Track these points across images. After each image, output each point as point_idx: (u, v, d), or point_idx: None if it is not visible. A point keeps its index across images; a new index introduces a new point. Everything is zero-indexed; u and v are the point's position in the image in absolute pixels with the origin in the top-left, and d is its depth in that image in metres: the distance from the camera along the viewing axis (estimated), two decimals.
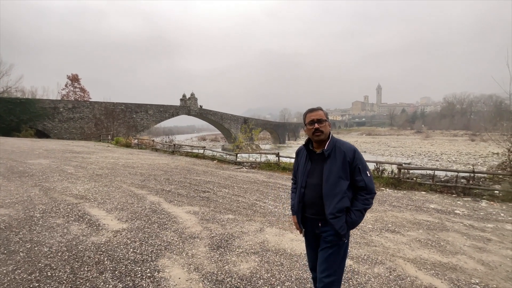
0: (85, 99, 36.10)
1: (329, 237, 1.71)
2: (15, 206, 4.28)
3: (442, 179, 7.53)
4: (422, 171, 8.09)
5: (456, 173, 7.19)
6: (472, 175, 7.08)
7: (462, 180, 7.31)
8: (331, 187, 1.68)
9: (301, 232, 1.89)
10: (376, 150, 45.80)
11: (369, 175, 1.73)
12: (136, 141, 19.21)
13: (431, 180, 7.33)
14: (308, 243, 1.90)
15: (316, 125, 1.73)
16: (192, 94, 41.13)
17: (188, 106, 40.29)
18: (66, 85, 37.23)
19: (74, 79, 37.44)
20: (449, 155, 36.79)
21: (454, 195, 6.70)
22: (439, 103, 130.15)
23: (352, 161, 1.70)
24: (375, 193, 1.74)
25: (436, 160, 33.11)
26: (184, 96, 40.60)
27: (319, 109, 1.81)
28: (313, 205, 1.76)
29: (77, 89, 37.58)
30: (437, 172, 7.61)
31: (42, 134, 25.39)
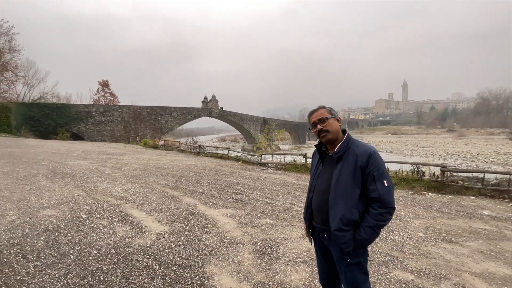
0: (115, 103, 37.98)
1: (336, 255, 1.54)
2: (61, 207, 4.46)
3: (492, 183, 6.84)
4: (468, 173, 7.43)
5: (508, 176, 6.51)
6: None
7: None
8: (338, 194, 1.48)
9: (310, 241, 1.74)
10: (404, 150, 43.52)
11: (386, 184, 1.45)
12: (162, 142, 19.79)
13: (479, 184, 6.69)
14: (316, 253, 1.73)
15: (319, 126, 1.56)
16: (213, 96, 41.74)
17: (210, 108, 40.97)
18: (97, 91, 39.51)
19: (105, 84, 39.58)
20: (486, 155, 34.03)
21: (506, 200, 6.06)
22: (473, 99, 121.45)
23: (365, 166, 1.46)
24: (393, 207, 1.45)
25: (472, 161, 30.77)
26: (205, 98, 41.33)
27: (320, 108, 1.63)
28: (319, 213, 1.59)
29: (107, 94, 39.70)
30: (482, 175, 6.94)
31: (77, 137, 27.05)
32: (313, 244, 1.74)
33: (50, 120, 26.28)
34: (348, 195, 1.47)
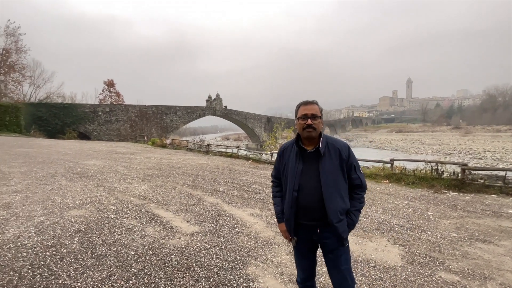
0: (120, 102, 38.11)
1: (332, 245, 1.60)
2: (87, 207, 4.46)
3: None
4: (487, 172, 7.33)
5: None
6: None
7: None
8: (332, 188, 1.56)
9: (290, 241, 1.73)
10: (409, 148, 43.20)
11: (362, 172, 1.69)
12: (169, 141, 19.83)
13: (500, 182, 6.59)
14: (299, 252, 1.73)
15: (309, 121, 1.58)
16: (217, 95, 41.74)
17: (214, 106, 40.99)
18: (103, 90, 39.66)
19: (110, 84, 39.72)
20: (493, 153, 33.65)
21: None
22: (478, 96, 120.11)
23: (348, 158, 1.61)
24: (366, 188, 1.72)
25: (479, 158, 30.44)
26: (209, 97, 41.34)
27: (315, 103, 1.65)
28: (310, 210, 1.59)
29: (112, 94, 39.85)
30: (502, 173, 6.84)
31: (83, 136, 27.23)
32: (293, 244, 1.70)
33: (58, 119, 26.50)
34: (340, 187, 1.58)
